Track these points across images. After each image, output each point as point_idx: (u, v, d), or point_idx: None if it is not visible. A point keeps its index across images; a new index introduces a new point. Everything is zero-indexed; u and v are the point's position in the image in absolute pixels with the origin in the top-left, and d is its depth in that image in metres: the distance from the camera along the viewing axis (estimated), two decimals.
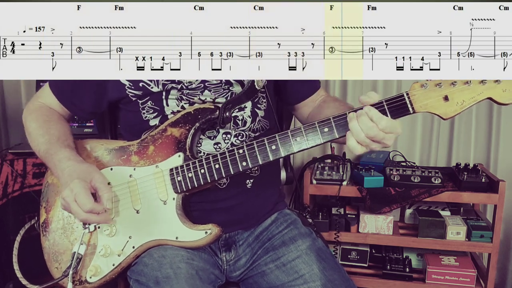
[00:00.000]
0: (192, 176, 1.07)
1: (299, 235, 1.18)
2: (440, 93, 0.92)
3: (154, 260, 1.05)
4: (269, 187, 1.25)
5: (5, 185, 1.88)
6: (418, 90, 0.93)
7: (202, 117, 1.10)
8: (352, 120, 0.94)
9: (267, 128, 1.23)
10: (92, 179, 1.03)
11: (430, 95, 0.92)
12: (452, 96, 0.91)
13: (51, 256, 1.16)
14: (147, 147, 1.13)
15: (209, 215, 1.14)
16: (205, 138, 1.14)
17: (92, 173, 1.04)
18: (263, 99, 1.21)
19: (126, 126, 1.23)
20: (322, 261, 1.12)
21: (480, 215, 1.95)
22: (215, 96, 1.14)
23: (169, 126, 1.12)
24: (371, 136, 0.92)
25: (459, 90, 0.91)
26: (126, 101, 1.16)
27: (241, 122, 1.17)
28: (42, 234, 1.19)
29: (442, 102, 0.92)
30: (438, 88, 0.92)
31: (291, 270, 1.12)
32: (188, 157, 1.09)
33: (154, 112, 1.15)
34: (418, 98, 0.93)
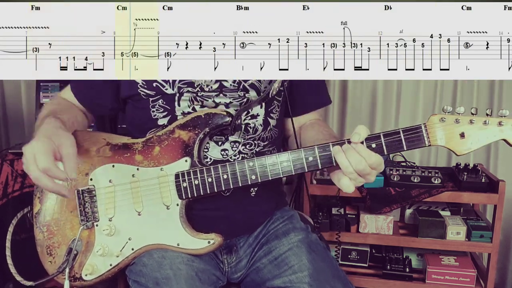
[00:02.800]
0: (198, 184, 1.05)
1: (293, 229, 1.18)
2: (458, 130, 0.93)
3: (153, 260, 1.05)
4: (272, 193, 1.24)
5: (5, 185, 1.88)
6: (435, 123, 0.94)
7: (212, 123, 1.08)
8: (338, 153, 0.94)
9: (275, 137, 1.21)
10: (61, 145, 0.95)
11: (447, 130, 0.93)
12: (469, 133, 0.92)
13: (44, 249, 1.13)
14: (152, 147, 1.10)
15: (212, 223, 1.11)
16: (212, 144, 1.12)
17: (63, 139, 0.96)
18: (277, 108, 1.19)
19: (133, 121, 1.21)
20: (312, 252, 1.12)
21: (480, 215, 1.95)
22: (230, 101, 1.13)
23: (177, 128, 1.10)
24: (359, 170, 0.92)
25: (476, 128, 0.92)
26: (137, 98, 1.14)
27: (252, 130, 1.15)
28: (36, 225, 1.15)
29: (458, 139, 0.93)
30: (456, 124, 0.93)
31: (281, 262, 1.12)
32: (195, 163, 1.07)
33: (164, 111, 1.13)
34: (435, 131, 0.94)
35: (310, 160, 0.99)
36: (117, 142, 1.14)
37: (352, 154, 0.92)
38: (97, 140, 1.15)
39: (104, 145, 1.14)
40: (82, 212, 1.11)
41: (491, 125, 0.92)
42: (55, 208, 1.14)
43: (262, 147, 1.17)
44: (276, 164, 1.01)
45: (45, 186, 0.94)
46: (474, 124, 0.92)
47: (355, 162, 0.92)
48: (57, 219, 1.13)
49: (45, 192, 1.16)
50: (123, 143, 1.13)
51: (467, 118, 0.93)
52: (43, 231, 1.14)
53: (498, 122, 0.92)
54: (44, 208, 1.15)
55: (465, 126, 0.93)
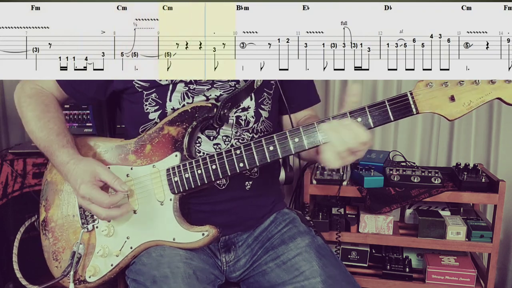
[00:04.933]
0: (189, 177, 1.06)
1: (298, 233, 1.18)
2: (446, 93, 0.88)
3: (152, 259, 1.06)
4: (268, 188, 1.25)
5: (5, 185, 1.88)
6: (422, 90, 0.89)
7: (199, 116, 1.09)
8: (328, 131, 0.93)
9: (270, 130, 1.22)
10: (96, 175, 1.03)
11: (435, 95, 0.88)
12: (459, 96, 0.87)
13: (51, 255, 1.16)
14: (144, 146, 1.12)
15: (208, 217, 1.13)
16: (205, 138, 1.14)
17: (93, 169, 1.04)
18: (268, 100, 1.20)
19: (128, 117, 1.22)
20: (322, 257, 1.12)
21: (480, 215, 1.95)
22: (220, 93, 1.14)
23: (166, 125, 1.11)
24: (350, 147, 0.91)
25: (466, 90, 0.87)
26: (131, 91, 1.15)
27: (244, 122, 1.16)
28: (42, 232, 1.19)
29: (448, 102, 0.88)
30: (444, 88, 0.88)
31: (291, 267, 1.12)
32: (185, 157, 1.08)
33: (156, 105, 1.14)
34: (422, 98, 0.89)
35: (296, 141, 0.98)
36: (111, 145, 1.16)
37: (343, 130, 0.91)
38: (93, 145, 1.18)
39: (99, 149, 1.16)
40: (82, 215, 1.13)
41: (482, 84, 0.86)
42: (59, 214, 1.17)
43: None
44: (262, 149, 1.01)
45: (117, 216, 1.05)
46: (464, 86, 0.87)
47: (348, 138, 0.90)
48: (61, 225, 1.16)
49: (50, 200, 1.19)
50: (117, 145, 1.16)
51: (455, 81, 0.87)
52: (49, 237, 1.17)
53: (489, 81, 0.86)
54: (49, 215, 1.18)
55: (454, 88, 0.87)
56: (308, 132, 0.97)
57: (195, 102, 1.12)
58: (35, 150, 1.92)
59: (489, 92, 0.86)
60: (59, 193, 1.18)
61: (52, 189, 1.19)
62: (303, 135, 0.98)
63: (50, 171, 1.21)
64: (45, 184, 1.22)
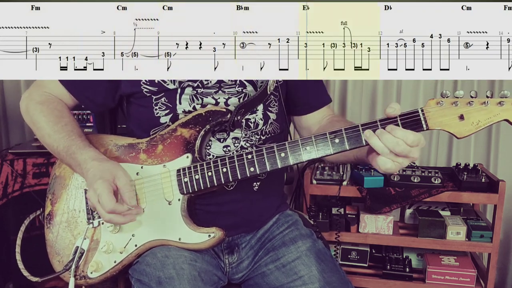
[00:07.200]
0: (199, 178, 1.06)
1: (300, 236, 1.18)
2: (456, 112, 0.90)
3: (157, 260, 1.05)
4: (274, 189, 1.25)
5: (5, 185, 1.88)
6: (433, 107, 0.92)
7: (213, 120, 1.10)
8: (371, 137, 0.92)
9: (277, 132, 1.22)
10: (115, 178, 1.02)
11: (445, 113, 0.91)
12: (468, 115, 0.90)
13: (53, 249, 1.16)
14: (156, 146, 1.13)
15: (214, 218, 1.13)
16: (215, 141, 1.14)
17: (114, 172, 1.03)
18: (275, 102, 1.20)
19: (136, 120, 1.21)
20: (321, 262, 1.12)
21: (480, 215, 1.95)
22: (228, 97, 1.14)
23: (179, 126, 1.12)
24: (398, 151, 0.90)
25: (475, 110, 0.89)
26: (139, 96, 1.15)
27: (253, 124, 1.16)
28: (46, 226, 1.19)
29: (457, 121, 0.90)
30: (454, 107, 0.90)
31: (290, 271, 1.12)
32: (196, 159, 1.08)
33: (166, 109, 1.14)
34: (433, 115, 0.92)
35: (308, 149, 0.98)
36: (123, 143, 1.17)
37: (387, 137, 0.90)
38: (104, 142, 1.18)
39: (111, 146, 1.17)
40: (88, 211, 1.14)
41: (491, 105, 0.89)
42: (65, 208, 1.17)
43: (263, 141, 1.18)
44: (274, 156, 1.01)
45: (118, 223, 1.07)
46: (473, 106, 0.89)
47: (391, 145, 0.90)
48: (66, 220, 1.16)
49: (56, 194, 1.19)
50: (129, 143, 1.16)
51: (465, 100, 0.90)
52: (53, 231, 1.17)
53: (498, 102, 0.89)
54: (55, 208, 1.18)
55: (463, 108, 0.90)
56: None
57: (210, 107, 1.12)
58: (35, 150, 1.93)
59: (498, 113, 0.89)
60: (66, 187, 1.18)
61: (59, 184, 1.19)
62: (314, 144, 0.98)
63: (59, 165, 1.21)
64: (53, 178, 1.21)
